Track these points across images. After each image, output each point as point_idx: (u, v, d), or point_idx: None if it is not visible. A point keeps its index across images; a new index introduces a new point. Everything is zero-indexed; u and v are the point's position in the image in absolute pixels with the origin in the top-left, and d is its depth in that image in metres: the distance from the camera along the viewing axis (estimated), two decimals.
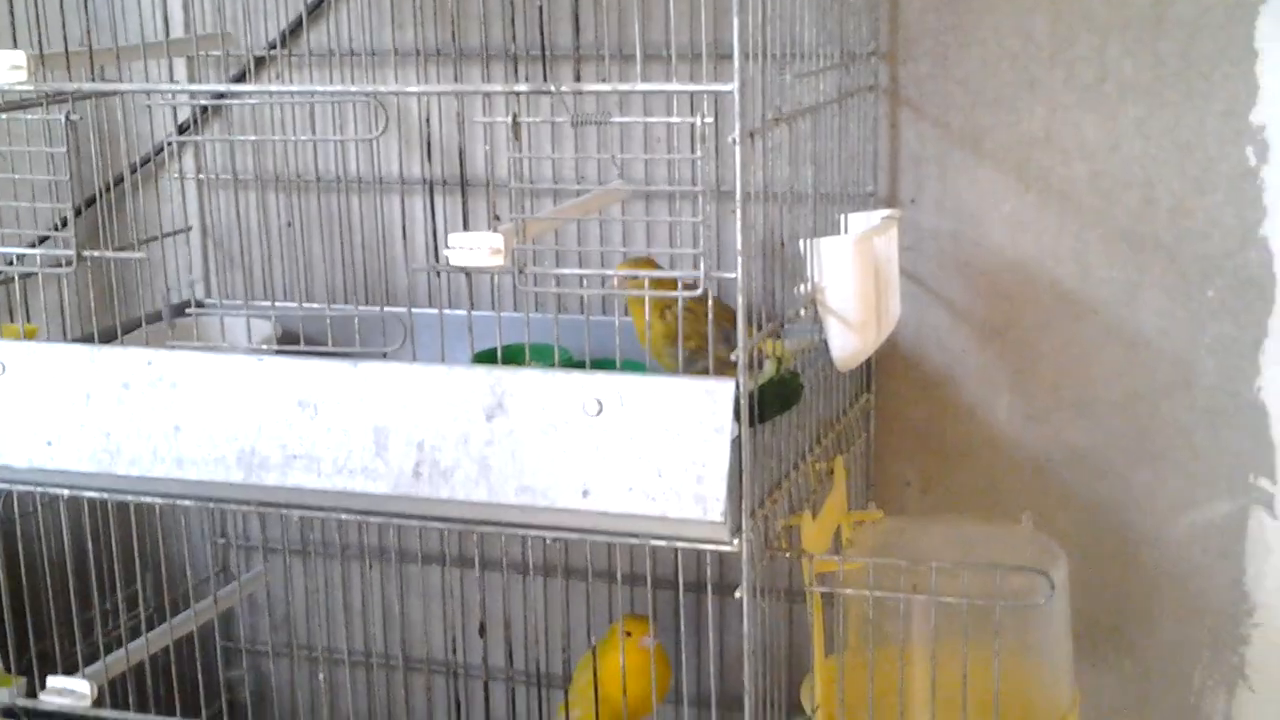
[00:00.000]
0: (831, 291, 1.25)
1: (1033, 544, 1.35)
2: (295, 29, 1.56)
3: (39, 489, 1.28)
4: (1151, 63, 1.39)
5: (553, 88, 1.07)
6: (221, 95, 1.37)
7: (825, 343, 1.25)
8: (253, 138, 1.45)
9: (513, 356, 1.35)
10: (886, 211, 1.35)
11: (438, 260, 1.09)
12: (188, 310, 1.41)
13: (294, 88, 1.40)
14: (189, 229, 1.65)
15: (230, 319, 1.47)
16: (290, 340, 1.52)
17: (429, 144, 1.44)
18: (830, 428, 1.39)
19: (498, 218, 1.12)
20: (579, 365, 1.23)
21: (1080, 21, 1.40)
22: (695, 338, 1.21)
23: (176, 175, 1.61)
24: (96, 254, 1.22)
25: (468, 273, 1.15)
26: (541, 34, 1.19)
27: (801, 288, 1.24)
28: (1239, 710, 1.47)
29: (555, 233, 1.31)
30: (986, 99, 1.44)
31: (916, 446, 1.54)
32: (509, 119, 1.09)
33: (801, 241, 1.25)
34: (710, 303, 1.11)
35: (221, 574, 1.73)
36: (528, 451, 1.12)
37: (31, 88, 1.18)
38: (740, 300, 1.08)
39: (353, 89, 1.13)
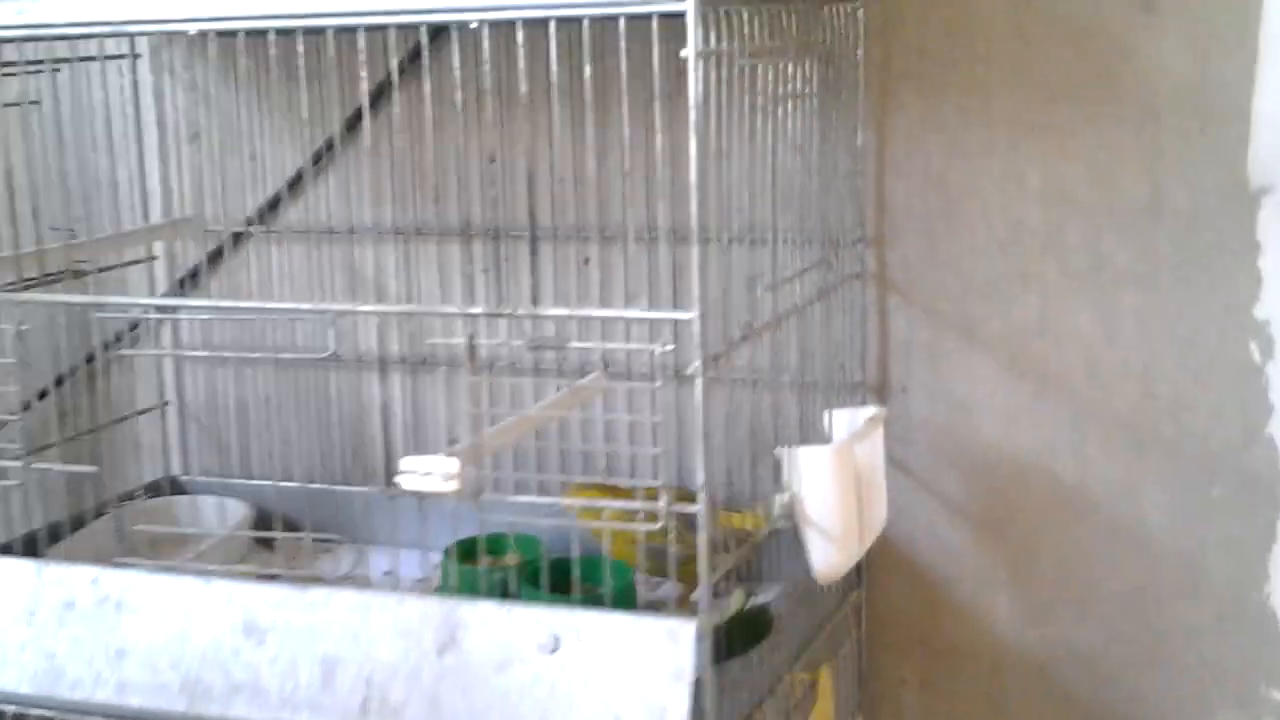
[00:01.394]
0: (810, 502, 1.19)
1: None
2: (274, 204, 1.53)
3: None
4: (1147, 253, 1.34)
5: (509, 311, 1.03)
6: (167, 309, 1.35)
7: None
8: (201, 354, 1.41)
9: (495, 547, 1.30)
10: (871, 410, 1.30)
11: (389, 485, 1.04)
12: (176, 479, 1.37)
13: (246, 304, 1.37)
14: (165, 404, 1.61)
15: (208, 499, 1.43)
16: (265, 519, 1.49)
17: (384, 365, 1.41)
18: (818, 631, 1.32)
19: (453, 441, 1.07)
20: (560, 563, 1.18)
21: (1072, 209, 1.35)
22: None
23: (152, 350, 1.57)
24: (44, 466, 1.18)
25: (420, 497, 1.10)
26: (498, 237, 1.15)
27: (779, 497, 1.19)
28: None
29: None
30: (978, 286, 1.39)
31: (912, 645, 1.46)
32: (465, 340, 1.05)
33: (779, 449, 1.20)
34: (671, 535, 1.06)
35: None
36: (480, 690, 1.06)
37: None
38: (702, 543, 1.02)
39: (304, 307, 1.09)
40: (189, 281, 1.55)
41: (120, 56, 1.49)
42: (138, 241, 1.47)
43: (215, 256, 1.55)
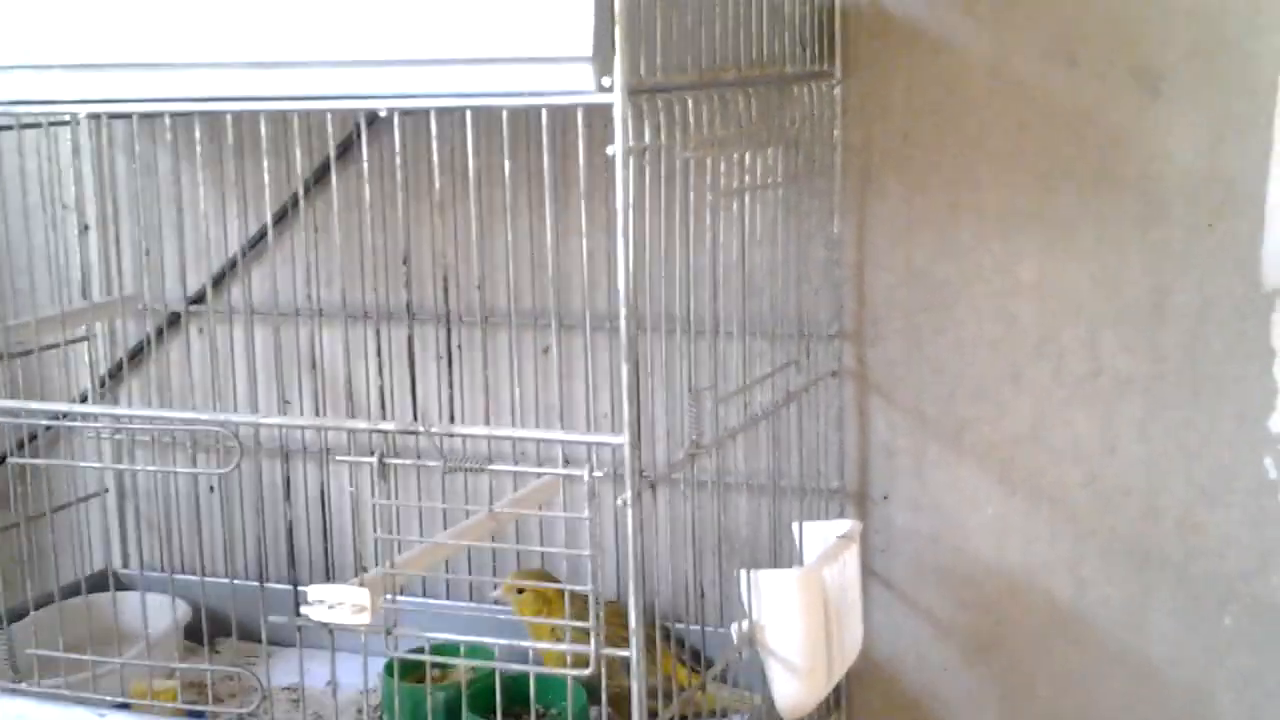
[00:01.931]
0: (773, 631, 1.08)
1: None
2: (218, 281, 1.44)
3: None
4: (1151, 357, 1.22)
5: (422, 429, 0.93)
6: (62, 415, 1.26)
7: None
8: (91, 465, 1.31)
9: (442, 654, 1.19)
10: (844, 526, 1.18)
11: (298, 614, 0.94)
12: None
13: (145, 411, 1.27)
14: (105, 492, 1.52)
15: (149, 597, 1.33)
16: (210, 615, 1.38)
17: (288, 483, 1.32)
18: None
19: (364, 569, 0.96)
20: (513, 681, 1.07)
21: (1069, 307, 1.24)
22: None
23: (92, 435, 1.48)
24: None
25: (330, 629, 0.99)
26: (408, 292, 1.05)
27: (739, 625, 1.08)
28: None
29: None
30: (966, 388, 1.28)
31: None
32: (375, 460, 0.94)
33: (740, 571, 1.09)
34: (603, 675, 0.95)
35: None
36: None
37: None
38: (635, 694, 0.91)
39: (204, 417, 0.99)
40: (127, 363, 1.46)
41: (64, 123, 1.41)
42: (77, 322, 1.38)
43: (158, 334, 1.46)
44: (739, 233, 1.06)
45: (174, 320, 1.45)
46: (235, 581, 1.34)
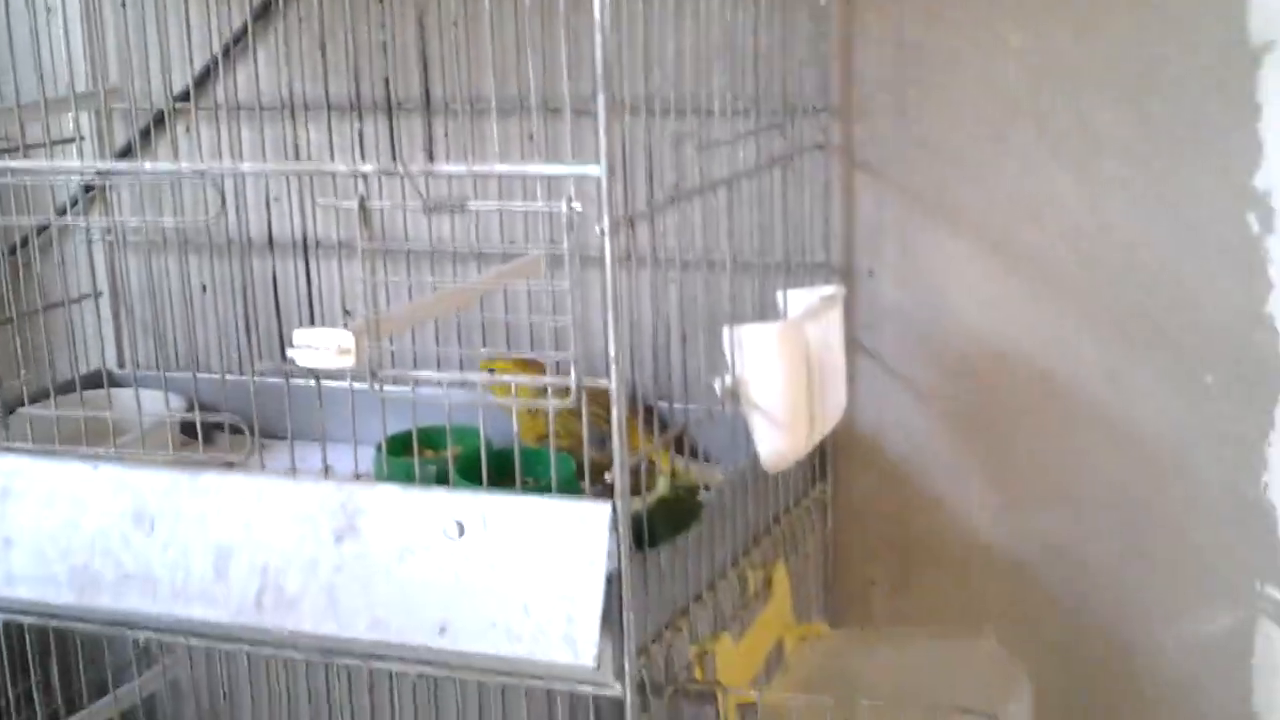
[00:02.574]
0: (755, 385, 1.09)
1: (994, 664, 1.19)
2: (203, 79, 1.44)
3: None
4: (1136, 118, 1.22)
5: (402, 169, 0.93)
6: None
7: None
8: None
9: (430, 440, 1.21)
10: (829, 290, 1.19)
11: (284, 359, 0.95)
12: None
13: (121, 165, 1.27)
14: (99, 294, 1.53)
15: (142, 392, 1.34)
16: (204, 411, 1.40)
17: (270, 229, 1.32)
18: (773, 524, 1.23)
19: (348, 312, 0.98)
20: (500, 455, 1.08)
21: (1054, 68, 1.23)
22: (569, 438, 1.06)
23: (84, 239, 1.49)
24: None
25: (316, 376, 1.01)
26: (388, 87, 1.05)
27: (722, 380, 1.09)
28: None
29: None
30: (952, 160, 1.28)
31: (881, 543, 1.37)
32: (356, 203, 0.95)
33: (723, 329, 1.10)
34: (584, 413, 0.96)
35: (142, 660, 1.61)
36: (380, 580, 0.98)
37: None
38: (615, 414, 0.93)
39: (184, 167, 1.00)
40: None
41: None
42: (62, 109, 1.37)
43: (144, 134, 1.46)
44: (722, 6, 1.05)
45: (159, 120, 1.45)
46: (228, 376, 1.35)
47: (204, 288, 1.49)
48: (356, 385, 1.00)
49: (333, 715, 1.52)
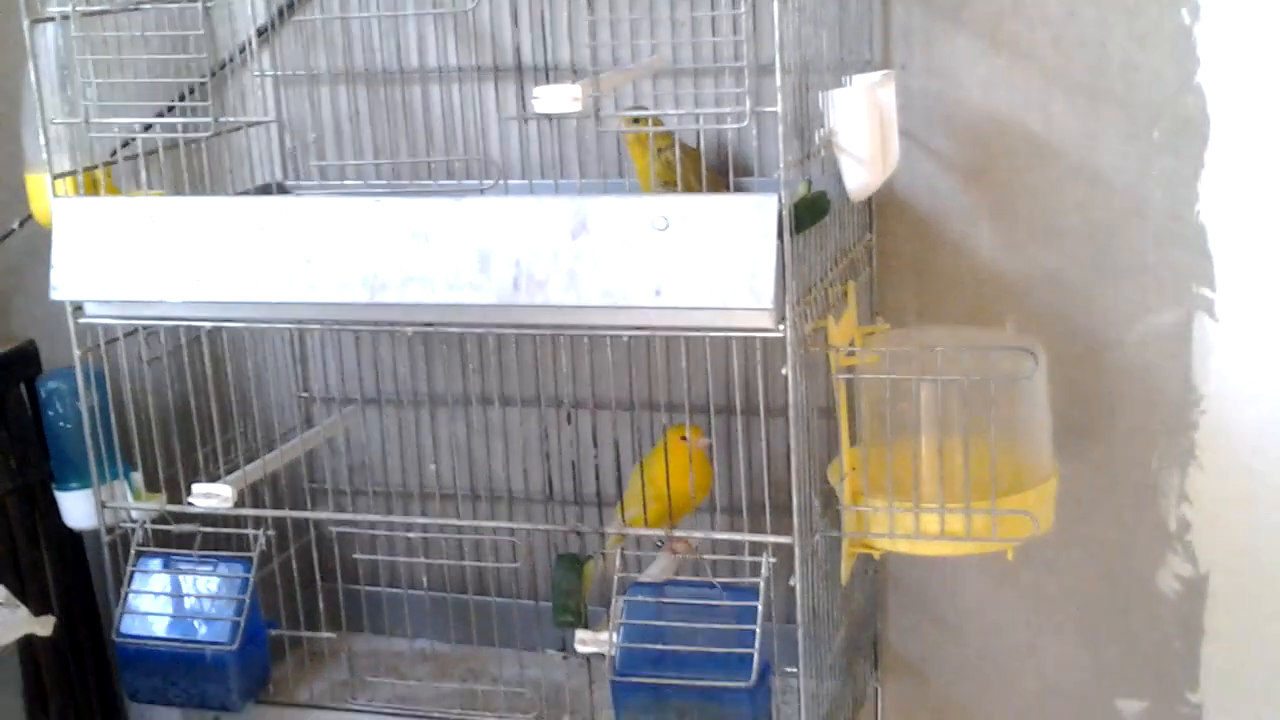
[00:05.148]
0: (844, 134, 1.50)
1: (1016, 342, 1.62)
2: None
3: (184, 323, 1.52)
4: None
5: None
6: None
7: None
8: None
9: None
10: (885, 71, 1.61)
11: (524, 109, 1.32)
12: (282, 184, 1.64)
13: None
14: (270, 120, 1.87)
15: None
16: None
17: (516, 14, 1.69)
18: (844, 255, 1.65)
19: (575, 70, 1.36)
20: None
21: None
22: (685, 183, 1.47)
23: (257, 74, 1.83)
24: (232, 120, 1.45)
25: (550, 118, 1.39)
26: None
27: (819, 133, 1.50)
28: (1191, 485, 1.75)
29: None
30: None
31: (912, 277, 1.80)
32: None
33: (819, 94, 1.51)
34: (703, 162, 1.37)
35: (305, 424, 1.97)
36: (608, 262, 1.38)
37: None
38: (780, 130, 1.33)
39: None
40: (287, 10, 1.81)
41: None
42: None
43: None
44: None
45: None
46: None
47: (356, 112, 1.85)
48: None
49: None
